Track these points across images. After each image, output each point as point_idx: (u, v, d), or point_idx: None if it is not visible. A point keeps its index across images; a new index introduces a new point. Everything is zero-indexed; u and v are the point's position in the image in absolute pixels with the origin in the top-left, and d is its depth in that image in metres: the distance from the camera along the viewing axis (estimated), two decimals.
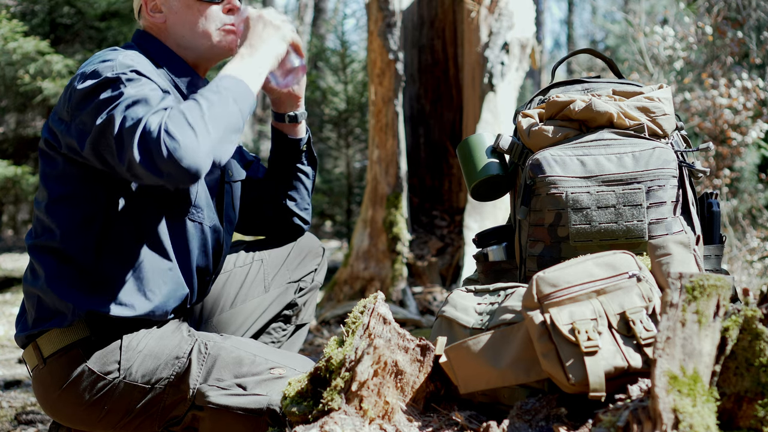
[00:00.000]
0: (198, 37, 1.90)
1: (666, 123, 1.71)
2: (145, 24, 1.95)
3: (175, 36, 1.91)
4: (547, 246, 1.66)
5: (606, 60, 1.96)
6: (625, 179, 1.63)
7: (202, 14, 1.89)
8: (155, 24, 1.92)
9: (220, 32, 1.91)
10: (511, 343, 1.42)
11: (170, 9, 1.90)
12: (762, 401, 1.20)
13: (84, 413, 1.80)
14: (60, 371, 1.78)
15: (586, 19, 25.46)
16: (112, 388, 1.78)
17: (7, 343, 4.83)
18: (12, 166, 7.32)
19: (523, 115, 1.77)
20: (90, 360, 1.77)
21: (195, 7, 1.89)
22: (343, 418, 1.38)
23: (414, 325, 4.60)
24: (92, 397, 1.78)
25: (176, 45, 1.91)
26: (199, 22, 1.89)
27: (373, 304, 1.51)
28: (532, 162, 1.67)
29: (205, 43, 1.90)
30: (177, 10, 1.89)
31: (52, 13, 7.98)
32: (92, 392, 1.77)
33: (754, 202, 7.34)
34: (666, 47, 7.40)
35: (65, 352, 1.77)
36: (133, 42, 1.94)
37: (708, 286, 1.17)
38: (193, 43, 1.90)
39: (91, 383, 1.77)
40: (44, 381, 1.80)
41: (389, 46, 5.50)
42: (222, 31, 1.91)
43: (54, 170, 1.78)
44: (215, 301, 2.10)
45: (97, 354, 1.78)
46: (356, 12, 21.67)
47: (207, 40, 1.90)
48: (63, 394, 1.78)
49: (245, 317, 2.12)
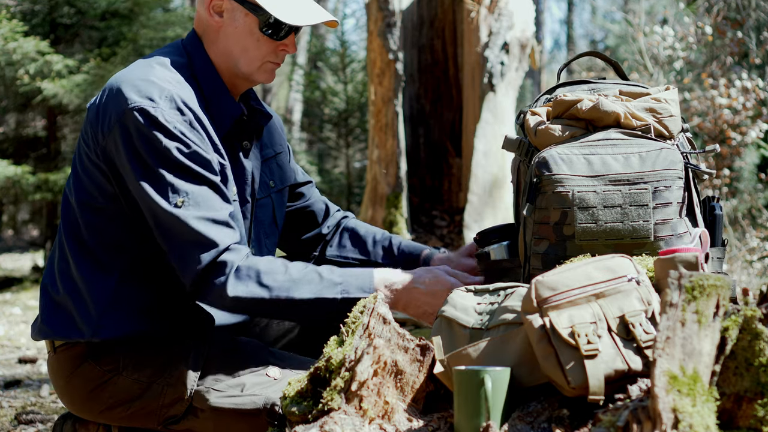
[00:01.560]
0: (244, 60, 1.87)
1: (672, 124, 1.71)
2: (199, 20, 1.91)
3: (223, 46, 1.88)
4: (552, 244, 1.66)
5: (611, 62, 1.96)
6: (632, 179, 1.63)
7: (259, 42, 1.86)
8: (209, 24, 1.88)
9: (265, 65, 1.89)
10: (510, 348, 1.41)
11: (232, 20, 1.86)
12: (761, 401, 1.20)
13: (86, 403, 1.87)
14: (66, 362, 1.86)
15: (585, 19, 25.46)
16: (112, 382, 1.83)
17: (7, 343, 4.83)
18: (12, 166, 7.32)
19: (531, 113, 1.77)
20: (92, 354, 1.84)
21: (256, 34, 1.85)
22: (343, 418, 1.38)
23: (414, 325, 4.60)
24: (93, 389, 1.84)
25: (220, 53, 1.89)
26: (252, 47, 1.86)
27: (372, 303, 1.51)
28: (538, 160, 1.66)
29: (247, 69, 1.88)
30: (238, 25, 1.85)
31: (52, 13, 7.98)
32: (93, 384, 1.84)
33: (754, 202, 7.34)
34: (666, 47, 7.40)
35: (72, 345, 1.85)
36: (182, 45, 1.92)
37: (708, 286, 1.17)
38: (237, 62, 1.88)
39: (93, 376, 1.84)
40: (54, 368, 1.89)
41: (389, 46, 5.50)
42: (267, 64, 1.89)
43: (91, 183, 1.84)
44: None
45: (99, 349, 1.84)
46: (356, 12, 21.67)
47: (250, 66, 1.88)
48: (69, 383, 1.86)
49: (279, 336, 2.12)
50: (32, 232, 12.64)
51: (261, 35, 1.85)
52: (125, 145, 1.74)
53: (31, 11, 7.96)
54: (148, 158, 1.72)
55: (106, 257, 1.83)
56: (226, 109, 1.88)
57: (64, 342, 1.86)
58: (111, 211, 1.82)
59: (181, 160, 1.73)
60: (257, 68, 1.88)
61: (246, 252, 1.75)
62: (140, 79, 1.78)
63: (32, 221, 11.11)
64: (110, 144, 1.77)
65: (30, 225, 12.12)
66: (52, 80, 7.40)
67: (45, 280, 1.91)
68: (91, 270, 1.83)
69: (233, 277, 1.70)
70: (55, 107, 7.81)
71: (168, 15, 8.67)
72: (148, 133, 1.72)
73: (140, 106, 1.73)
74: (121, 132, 1.74)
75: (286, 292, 1.72)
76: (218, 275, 1.71)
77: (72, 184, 1.87)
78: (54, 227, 8.23)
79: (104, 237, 1.83)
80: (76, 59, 7.75)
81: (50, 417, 2.92)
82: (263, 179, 2.02)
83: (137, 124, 1.73)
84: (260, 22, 1.84)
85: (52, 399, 3.37)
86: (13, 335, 5.14)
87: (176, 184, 1.72)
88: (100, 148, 1.79)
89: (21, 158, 8.13)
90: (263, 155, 2.03)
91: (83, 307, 1.82)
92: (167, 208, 1.71)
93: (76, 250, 1.84)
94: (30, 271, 8.54)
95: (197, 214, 1.71)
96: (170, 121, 1.73)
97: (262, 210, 2.02)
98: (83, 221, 1.84)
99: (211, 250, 1.71)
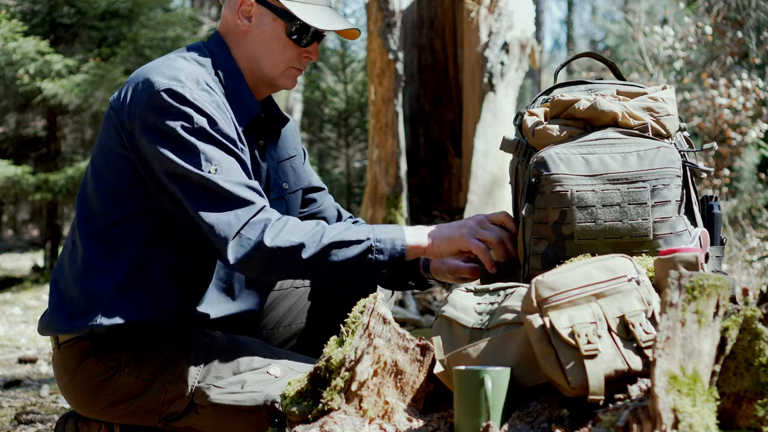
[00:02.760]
0: (269, 63, 1.93)
1: (669, 123, 1.72)
2: (225, 23, 1.96)
3: (249, 49, 1.94)
4: (551, 244, 1.66)
5: (608, 63, 1.96)
6: (630, 178, 1.63)
7: (285, 47, 1.92)
8: (236, 28, 1.94)
9: (289, 70, 1.95)
10: (510, 348, 1.41)
11: (259, 24, 1.92)
12: (761, 401, 1.20)
13: (88, 400, 1.88)
14: (70, 359, 1.88)
15: (585, 19, 25.46)
16: (114, 379, 1.85)
17: (7, 343, 4.83)
18: (12, 166, 7.32)
19: (528, 113, 1.77)
20: (95, 351, 1.86)
21: (283, 39, 1.92)
22: (342, 418, 1.38)
23: (414, 324, 4.60)
24: (96, 386, 1.86)
25: (244, 56, 1.94)
26: (278, 51, 1.92)
27: (372, 303, 1.51)
28: (536, 160, 1.67)
29: (271, 72, 1.94)
30: (265, 30, 1.92)
31: (52, 13, 7.98)
32: (96, 381, 1.86)
33: (754, 202, 7.34)
34: (666, 47, 7.40)
35: (76, 341, 1.87)
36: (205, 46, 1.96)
37: (707, 286, 1.17)
38: (262, 66, 1.94)
39: (95, 373, 1.86)
40: (58, 365, 1.92)
41: (389, 46, 5.50)
42: (291, 69, 1.95)
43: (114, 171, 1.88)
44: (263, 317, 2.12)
45: (102, 346, 1.86)
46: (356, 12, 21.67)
47: (275, 70, 1.94)
48: (72, 380, 1.88)
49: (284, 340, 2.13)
50: (32, 232, 12.65)
51: (287, 40, 1.92)
52: (155, 124, 1.78)
53: (31, 11, 7.96)
54: (181, 131, 1.77)
55: (117, 244, 1.86)
56: (247, 105, 1.93)
57: (69, 338, 1.87)
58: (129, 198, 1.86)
59: (211, 132, 1.78)
60: (281, 72, 1.95)
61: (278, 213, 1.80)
62: (166, 67, 1.84)
63: (32, 221, 11.11)
64: (137, 128, 1.80)
65: (30, 225, 12.13)
66: (52, 80, 7.40)
67: (54, 274, 1.94)
68: (101, 256, 1.86)
69: (270, 230, 1.74)
70: (55, 107, 7.82)
71: (168, 15, 8.67)
72: (178, 110, 1.77)
73: (168, 87, 1.79)
74: (152, 112, 1.79)
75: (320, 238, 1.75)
76: (256, 231, 1.74)
77: (91, 175, 1.91)
78: (54, 227, 8.23)
79: (118, 224, 1.86)
80: (76, 59, 7.76)
81: (50, 417, 2.92)
82: (277, 181, 2.05)
83: (166, 104, 1.78)
84: (287, 27, 1.91)
85: (52, 399, 3.38)
86: (13, 335, 5.14)
87: (208, 153, 1.77)
88: (126, 134, 1.82)
89: (21, 158, 8.13)
90: (279, 157, 2.07)
91: (90, 293, 1.84)
92: (202, 174, 1.76)
93: (89, 238, 1.87)
94: (30, 271, 8.54)
95: (231, 178, 1.77)
96: (198, 99, 1.79)
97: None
98: (99, 209, 1.87)
99: (247, 207, 1.76)
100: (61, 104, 7.59)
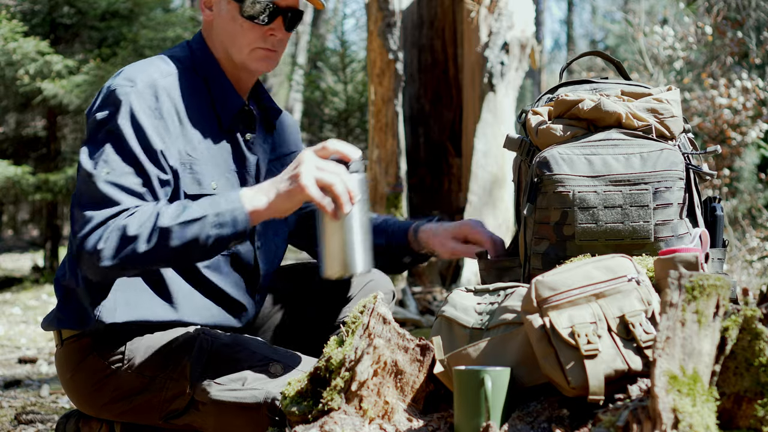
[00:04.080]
0: (234, 48, 1.90)
1: (674, 125, 1.71)
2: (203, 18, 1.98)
3: (218, 38, 1.93)
4: (552, 244, 1.66)
5: (614, 62, 1.96)
6: (633, 180, 1.63)
7: (243, 29, 1.88)
8: (205, 20, 1.95)
9: (255, 51, 1.89)
10: (510, 348, 1.42)
11: (219, 11, 1.91)
12: (761, 401, 1.20)
13: (90, 396, 1.89)
14: (73, 355, 1.89)
15: (586, 19, 25.47)
16: (115, 376, 1.85)
17: (7, 343, 4.83)
18: (12, 166, 7.33)
19: (532, 112, 1.77)
20: (97, 348, 1.86)
21: (239, 20, 1.88)
22: (342, 418, 1.38)
23: (414, 324, 4.60)
24: (97, 383, 1.87)
25: (218, 47, 1.93)
26: (238, 34, 1.89)
27: (372, 303, 1.51)
28: (539, 159, 1.66)
29: (238, 57, 1.91)
30: (223, 15, 1.90)
31: (52, 13, 7.98)
32: (98, 377, 1.86)
33: (754, 202, 7.34)
34: (666, 47, 7.41)
35: (79, 338, 1.88)
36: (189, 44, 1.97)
37: (707, 286, 1.17)
38: (231, 52, 1.91)
39: (97, 370, 1.86)
40: (61, 362, 1.92)
41: (389, 46, 5.50)
42: (257, 50, 1.89)
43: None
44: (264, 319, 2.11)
45: (104, 342, 1.86)
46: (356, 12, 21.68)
47: (240, 54, 1.90)
48: (74, 376, 1.89)
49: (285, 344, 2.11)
50: (32, 232, 12.66)
51: (243, 20, 1.87)
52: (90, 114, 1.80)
53: (31, 11, 7.96)
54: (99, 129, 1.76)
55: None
56: (230, 100, 1.92)
57: (71, 335, 1.88)
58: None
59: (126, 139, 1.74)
60: (247, 55, 1.90)
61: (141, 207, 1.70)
62: (134, 68, 1.85)
63: (32, 221, 11.12)
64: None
65: (30, 225, 12.14)
66: (52, 80, 7.41)
67: (58, 272, 1.95)
68: None
69: (110, 232, 1.65)
70: (55, 107, 7.82)
71: (168, 15, 8.68)
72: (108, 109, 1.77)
73: (114, 87, 1.79)
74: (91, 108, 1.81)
75: (152, 226, 1.65)
76: (101, 233, 1.66)
77: None
78: (54, 227, 8.24)
79: None
80: (76, 59, 7.76)
81: (50, 417, 2.92)
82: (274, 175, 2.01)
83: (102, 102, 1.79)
84: (240, 7, 1.87)
85: (52, 399, 3.38)
86: (13, 335, 5.14)
87: (110, 159, 1.73)
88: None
89: (21, 158, 8.13)
90: (277, 153, 2.05)
91: (91, 290, 1.84)
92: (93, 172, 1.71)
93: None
94: (30, 271, 8.55)
95: (115, 181, 1.71)
96: (134, 103, 1.77)
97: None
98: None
99: (110, 208, 1.68)
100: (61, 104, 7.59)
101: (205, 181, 1.86)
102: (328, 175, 1.61)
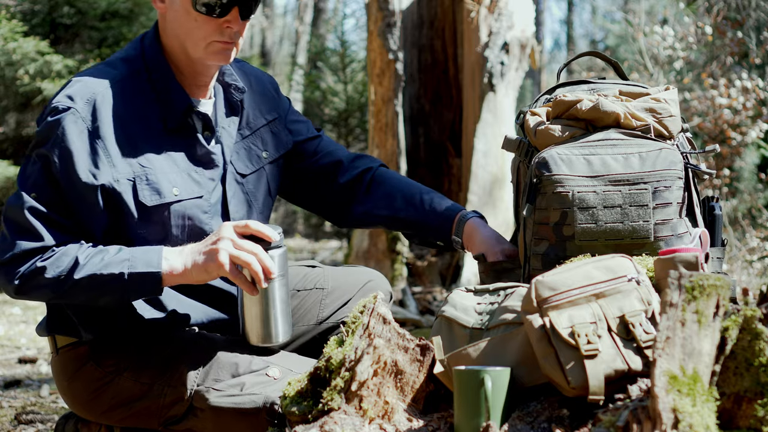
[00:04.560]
0: (189, 42, 1.81)
1: (672, 124, 1.72)
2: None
3: (170, 31, 1.84)
4: (551, 244, 1.66)
5: (611, 62, 1.96)
6: (632, 179, 1.63)
7: (197, 22, 1.78)
8: (158, 12, 1.85)
9: (212, 45, 1.80)
10: (510, 348, 1.42)
11: (171, 4, 1.81)
12: (761, 401, 1.20)
13: (88, 404, 1.88)
14: (69, 363, 1.88)
15: (586, 19, 25.45)
16: (114, 383, 1.84)
17: (7, 343, 4.83)
18: (12, 166, 7.32)
19: (530, 113, 1.77)
20: (94, 355, 1.85)
21: (193, 14, 1.78)
22: (342, 418, 1.38)
23: (414, 324, 4.60)
24: (95, 390, 1.85)
25: (173, 40, 1.84)
26: (193, 28, 1.79)
27: (372, 303, 1.51)
28: (538, 160, 1.67)
29: (194, 52, 1.82)
30: (176, 8, 1.80)
31: (52, 13, 7.98)
32: (95, 386, 1.85)
33: (754, 202, 7.35)
34: (666, 47, 7.41)
35: (74, 346, 1.87)
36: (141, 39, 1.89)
37: (707, 286, 1.17)
38: (186, 46, 1.82)
39: (94, 377, 1.85)
40: (57, 369, 1.91)
41: (389, 46, 5.50)
42: (214, 44, 1.80)
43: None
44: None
45: (101, 349, 1.86)
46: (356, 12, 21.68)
47: (196, 49, 1.81)
48: (71, 384, 1.88)
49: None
50: None
51: (197, 14, 1.78)
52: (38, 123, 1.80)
53: (31, 11, 7.96)
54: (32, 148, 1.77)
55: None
56: (175, 101, 1.84)
57: (67, 343, 1.87)
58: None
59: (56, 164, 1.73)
60: (204, 50, 1.80)
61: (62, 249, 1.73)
62: (77, 81, 1.80)
63: None
64: None
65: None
66: (52, 80, 7.40)
67: None
68: None
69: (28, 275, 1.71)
70: None
71: None
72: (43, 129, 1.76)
73: (56, 105, 1.76)
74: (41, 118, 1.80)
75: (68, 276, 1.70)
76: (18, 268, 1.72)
77: None
78: None
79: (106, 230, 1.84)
80: (76, 59, 7.75)
81: (50, 417, 2.92)
82: (254, 152, 1.96)
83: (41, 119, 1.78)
84: (193, 0, 1.77)
85: (52, 399, 3.37)
86: (13, 335, 5.14)
87: (39, 182, 1.74)
88: None
89: (21, 158, 8.13)
90: (252, 127, 1.98)
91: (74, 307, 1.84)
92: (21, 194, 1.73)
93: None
94: None
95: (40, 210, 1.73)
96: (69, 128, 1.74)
97: (254, 185, 1.97)
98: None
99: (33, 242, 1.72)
100: None
101: (164, 188, 1.80)
102: (244, 254, 1.68)
